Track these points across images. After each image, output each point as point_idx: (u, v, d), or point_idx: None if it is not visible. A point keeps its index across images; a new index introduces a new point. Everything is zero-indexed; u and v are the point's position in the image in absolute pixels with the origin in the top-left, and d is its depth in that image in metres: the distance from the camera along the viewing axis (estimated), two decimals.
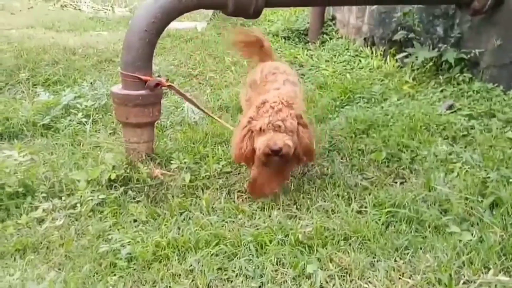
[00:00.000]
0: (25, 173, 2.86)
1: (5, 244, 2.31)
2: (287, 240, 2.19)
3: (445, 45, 4.28)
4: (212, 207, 2.59)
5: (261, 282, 1.97)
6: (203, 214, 2.51)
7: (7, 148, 3.27)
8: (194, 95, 4.23)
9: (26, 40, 5.55)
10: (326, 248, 2.15)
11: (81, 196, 2.68)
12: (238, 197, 2.69)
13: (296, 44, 6.01)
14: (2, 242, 2.33)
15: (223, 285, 1.98)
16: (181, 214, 2.52)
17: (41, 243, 2.35)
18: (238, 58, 4.89)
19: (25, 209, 2.62)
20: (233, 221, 2.42)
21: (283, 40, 5.92)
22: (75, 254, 2.23)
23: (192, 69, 4.83)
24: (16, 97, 4.38)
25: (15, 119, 3.80)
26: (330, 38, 6.14)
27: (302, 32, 6.42)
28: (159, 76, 4.63)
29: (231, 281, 2.00)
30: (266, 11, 7.18)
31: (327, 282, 1.97)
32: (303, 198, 2.63)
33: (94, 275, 2.07)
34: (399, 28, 4.89)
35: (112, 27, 7.04)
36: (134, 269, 2.09)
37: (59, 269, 2.13)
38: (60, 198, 2.71)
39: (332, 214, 2.46)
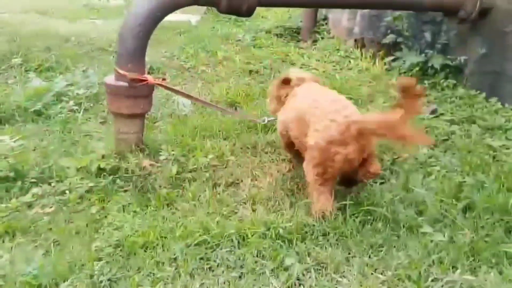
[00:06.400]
0: (16, 158, 2.92)
1: None
2: (268, 234, 2.28)
3: (432, 51, 4.40)
4: (198, 199, 2.67)
5: (241, 272, 2.07)
6: (189, 205, 2.60)
7: None
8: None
9: (19, 25, 5.56)
10: (305, 243, 2.25)
11: (70, 183, 2.75)
12: (223, 191, 2.77)
13: (288, 42, 6.08)
14: None
15: (205, 274, 2.07)
16: (167, 205, 2.60)
17: (30, 227, 2.42)
18: (230, 53, 4.96)
19: (15, 193, 2.69)
20: (219, 213, 2.50)
21: (276, 37, 5.99)
22: (64, 239, 2.31)
23: (184, 62, 4.89)
24: (8, 82, 4.41)
25: (7, 104, 3.83)
26: (322, 38, 6.23)
27: (294, 30, 6.50)
28: (151, 68, 4.70)
29: (213, 271, 2.09)
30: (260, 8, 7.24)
31: (303, 274, 2.07)
32: (287, 196, 2.72)
33: (80, 260, 2.14)
34: (388, 31, 5.00)
35: (106, 16, 7.06)
36: (120, 256, 2.18)
37: (47, 251, 2.20)
38: (50, 184, 2.78)
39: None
